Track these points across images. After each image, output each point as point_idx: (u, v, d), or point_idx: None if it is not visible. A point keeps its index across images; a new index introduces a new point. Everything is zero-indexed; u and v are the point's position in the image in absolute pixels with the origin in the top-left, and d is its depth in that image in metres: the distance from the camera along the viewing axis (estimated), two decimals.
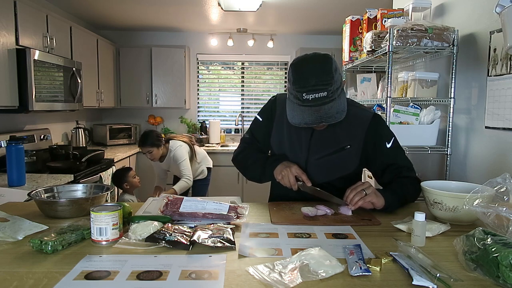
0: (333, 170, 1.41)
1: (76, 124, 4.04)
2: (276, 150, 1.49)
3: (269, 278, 0.77)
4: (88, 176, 2.97)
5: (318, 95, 1.19)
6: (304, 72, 1.22)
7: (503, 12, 1.44)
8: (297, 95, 1.22)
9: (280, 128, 1.47)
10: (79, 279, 0.78)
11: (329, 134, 1.39)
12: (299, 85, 1.21)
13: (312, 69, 1.21)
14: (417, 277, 0.77)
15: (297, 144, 1.43)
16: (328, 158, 1.40)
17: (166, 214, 1.16)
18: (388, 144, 1.39)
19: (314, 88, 1.19)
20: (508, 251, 0.75)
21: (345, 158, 1.39)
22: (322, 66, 1.21)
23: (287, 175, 1.33)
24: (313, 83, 1.19)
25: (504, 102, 1.76)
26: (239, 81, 5.27)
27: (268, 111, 1.51)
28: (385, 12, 2.33)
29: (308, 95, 1.19)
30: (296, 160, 1.42)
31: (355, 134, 1.38)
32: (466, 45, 2.05)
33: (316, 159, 1.40)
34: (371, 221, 1.19)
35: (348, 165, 1.41)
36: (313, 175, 1.39)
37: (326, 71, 1.20)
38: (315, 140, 1.40)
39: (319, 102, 1.19)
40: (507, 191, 1.02)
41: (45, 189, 1.34)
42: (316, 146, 1.40)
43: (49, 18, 3.00)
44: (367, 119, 1.39)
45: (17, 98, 2.60)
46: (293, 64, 1.26)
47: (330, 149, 1.39)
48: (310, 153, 1.41)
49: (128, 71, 4.69)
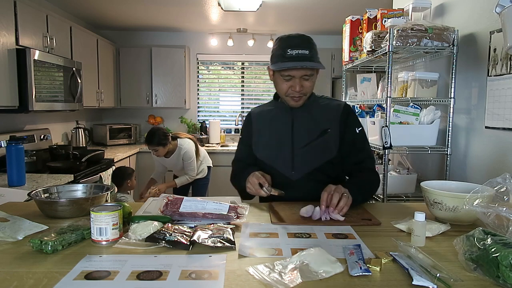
0: (319, 155, 1.47)
1: (76, 124, 4.04)
2: (261, 155, 1.55)
3: (269, 278, 0.77)
4: (88, 176, 2.97)
5: (302, 52, 1.33)
6: (290, 35, 1.40)
7: (503, 12, 1.44)
8: (282, 53, 1.35)
9: (260, 134, 1.55)
10: (79, 279, 0.78)
11: (309, 121, 1.48)
12: (284, 42, 1.37)
13: (298, 34, 1.40)
14: (417, 277, 0.77)
15: (281, 139, 1.50)
16: (312, 145, 1.47)
17: (166, 214, 1.16)
18: (357, 129, 1.50)
19: (297, 45, 1.34)
20: (508, 251, 0.75)
21: (328, 142, 1.47)
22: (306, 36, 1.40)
23: (251, 187, 1.37)
24: (296, 41, 1.36)
25: (504, 102, 1.76)
26: (239, 81, 5.27)
27: (245, 127, 1.62)
28: (385, 12, 2.33)
29: (292, 50, 1.33)
30: (283, 154, 1.49)
31: (332, 119, 1.48)
32: (466, 45, 2.05)
33: (301, 148, 1.47)
34: (371, 221, 1.19)
35: (331, 148, 1.47)
36: (300, 164, 1.47)
37: (309, 38, 1.40)
38: (297, 130, 1.49)
39: (303, 58, 1.33)
40: (507, 191, 1.02)
41: (45, 189, 1.34)
42: (299, 135, 1.48)
43: (49, 18, 3.00)
44: (340, 106, 1.51)
45: (17, 98, 2.60)
46: (279, 36, 1.43)
47: (313, 135, 1.47)
48: (294, 143, 1.48)
49: (128, 71, 4.69)
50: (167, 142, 3.09)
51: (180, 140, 3.23)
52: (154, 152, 3.11)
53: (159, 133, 3.06)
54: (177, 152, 3.20)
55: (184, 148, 3.18)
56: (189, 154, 3.19)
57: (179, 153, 3.20)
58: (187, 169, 3.21)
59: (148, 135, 3.07)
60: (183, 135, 3.36)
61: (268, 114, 1.56)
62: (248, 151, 1.58)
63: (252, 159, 1.58)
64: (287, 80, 1.39)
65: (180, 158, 3.22)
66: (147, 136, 3.08)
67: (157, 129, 3.11)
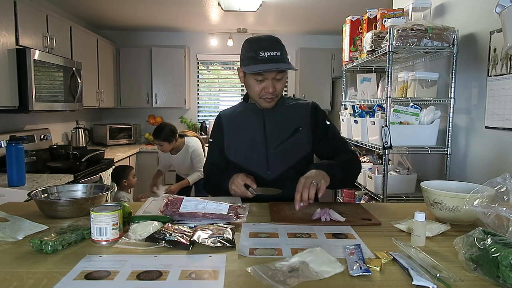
0: (292, 154, 1.50)
1: (76, 124, 4.04)
2: (234, 158, 1.54)
3: (269, 278, 0.77)
4: (88, 176, 2.97)
5: (273, 54, 1.35)
6: (259, 37, 1.41)
7: (503, 12, 1.44)
8: (254, 55, 1.36)
9: (232, 137, 1.55)
10: (79, 279, 0.78)
11: (280, 121, 1.51)
12: (256, 45, 1.38)
13: (266, 36, 1.42)
14: (417, 277, 0.77)
15: (254, 140, 1.51)
16: (285, 144, 1.50)
17: (166, 214, 1.16)
18: (327, 123, 1.55)
19: (269, 46, 1.35)
20: (508, 251, 0.75)
21: (300, 140, 1.50)
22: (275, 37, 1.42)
23: (237, 188, 1.37)
24: (267, 43, 1.37)
25: (504, 102, 1.76)
26: (239, 81, 5.26)
27: (216, 130, 1.61)
28: (385, 12, 2.33)
29: (265, 53, 1.34)
30: (257, 155, 1.50)
31: (302, 117, 1.52)
32: (466, 45, 2.05)
33: (275, 148, 1.50)
34: (371, 221, 1.19)
35: (304, 145, 1.51)
36: (275, 164, 1.50)
37: (278, 39, 1.41)
38: (269, 130, 1.51)
39: (275, 60, 1.35)
40: (507, 191, 1.02)
41: (45, 189, 1.34)
42: (272, 135, 1.51)
43: (49, 18, 3.00)
44: (307, 105, 1.56)
45: (17, 98, 2.60)
46: (247, 39, 1.44)
47: (285, 134, 1.50)
48: (268, 143, 1.50)
49: (128, 71, 4.70)
50: (173, 139, 3.12)
51: (187, 138, 3.28)
52: (159, 146, 3.14)
53: (166, 129, 3.09)
54: (184, 150, 3.24)
55: (192, 146, 3.23)
56: (197, 151, 3.24)
57: (187, 150, 3.24)
58: (197, 166, 3.25)
59: (156, 129, 3.12)
60: (190, 133, 3.41)
61: (238, 117, 1.57)
62: (220, 154, 1.58)
63: (224, 162, 1.58)
64: (259, 81, 1.41)
65: (188, 156, 3.26)
66: (155, 130, 3.13)
67: (166, 124, 3.15)
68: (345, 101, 3.09)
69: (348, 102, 3.03)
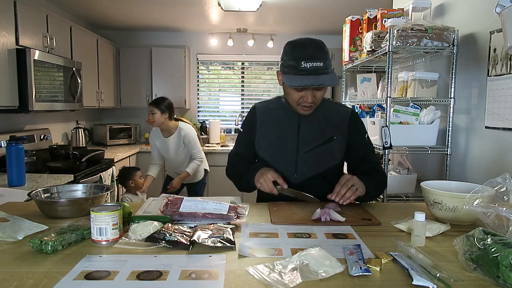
0: (322, 161, 1.46)
1: (76, 124, 4.04)
2: (263, 154, 1.51)
3: (269, 278, 0.77)
4: (88, 176, 2.97)
5: (316, 64, 1.25)
6: (303, 43, 1.29)
7: (503, 12, 1.44)
8: (295, 64, 1.27)
9: (264, 132, 1.51)
10: (79, 279, 0.78)
11: (315, 127, 1.46)
12: (298, 53, 1.27)
13: (310, 41, 1.30)
14: (417, 277, 0.77)
15: (286, 141, 1.47)
16: (317, 150, 1.45)
17: (166, 214, 1.16)
18: (365, 138, 1.51)
19: (312, 56, 1.25)
20: (508, 251, 0.75)
21: (333, 149, 1.46)
22: (318, 41, 1.30)
23: (264, 182, 1.35)
24: (311, 51, 1.26)
25: (504, 102, 1.76)
26: (239, 81, 5.27)
27: (249, 122, 1.56)
28: (385, 12, 2.33)
29: (307, 63, 1.25)
30: (287, 156, 1.46)
31: (339, 125, 1.47)
32: (466, 45, 2.05)
33: (306, 152, 1.45)
34: (371, 221, 1.19)
35: (335, 155, 1.47)
36: (303, 169, 1.45)
37: (322, 45, 1.30)
38: (303, 134, 1.46)
39: (316, 71, 1.25)
40: (507, 191, 1.02)
41: (45, 189, 1.34)
42: (305, 140, 1.46)
43: (49, 18, 3.00)
44: (347, 113, 1.49)
45: (17, 98, 2.60)
46: (289, 42, 1.34)
47: (319, 140, 1.45)
48: (299, 147, 1.46)
49: (128, 71, 4.69)
50: (167, 112, 3.09)
51: (181, 123, 3.24)
52: (151, 114, 3.09)
53: (166, 101, 3.12)
54: (177, 133, 3.18)
55: (184, 131, 3.17)
56: (190, 136, 3.17)
57: (179, 134, 3.17)
58: (192, 153, 3.21)
59: (156, 98, 3.18)
60: (186, 120, 3.36)
61: (273, 113, 1.52)
62: (249, 146, 1.54)
63: (251, 155, 1.55)
64: (298, 91, 1.33)
65: (180, 141, 3.18)
66: (154, 99, 3.18)
67: (166, 98, 3.18)
68: (345, 101, 3.09)
69: (348, 102, 3.03)
